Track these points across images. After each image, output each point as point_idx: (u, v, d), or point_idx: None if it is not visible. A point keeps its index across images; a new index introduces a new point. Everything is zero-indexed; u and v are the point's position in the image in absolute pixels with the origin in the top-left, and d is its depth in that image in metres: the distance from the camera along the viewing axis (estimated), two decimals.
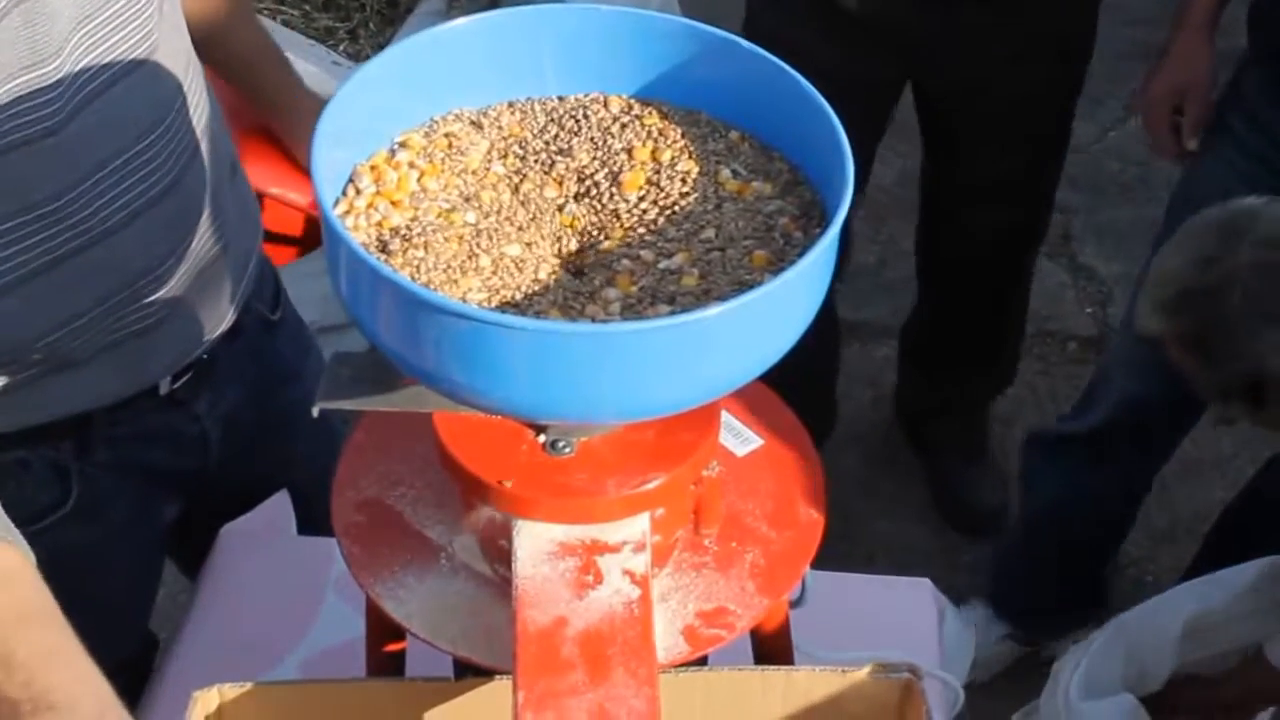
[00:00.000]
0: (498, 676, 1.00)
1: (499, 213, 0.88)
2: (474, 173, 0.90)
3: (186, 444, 1.38)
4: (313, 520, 1.47)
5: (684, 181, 0.90)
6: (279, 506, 1.51)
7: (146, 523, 1.41)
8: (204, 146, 1.28)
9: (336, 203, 0.87)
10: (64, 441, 1.28)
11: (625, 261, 0.86)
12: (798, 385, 1.10)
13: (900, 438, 2.65)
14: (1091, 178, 3.23)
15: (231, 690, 1.00)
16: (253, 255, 1.40)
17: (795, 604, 1.10)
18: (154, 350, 1.29)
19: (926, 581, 1.47)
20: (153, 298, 1.24)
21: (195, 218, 1.27)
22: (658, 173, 0.91)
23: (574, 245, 0.88)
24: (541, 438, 0.93)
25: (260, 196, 1.48)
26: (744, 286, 0.83)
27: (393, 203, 0.87)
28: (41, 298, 1.18)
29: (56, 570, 1.09)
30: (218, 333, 1.35)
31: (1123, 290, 2.97)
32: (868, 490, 2.58)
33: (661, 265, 0.85)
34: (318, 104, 1.56)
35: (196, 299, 1.30)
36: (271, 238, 1.52)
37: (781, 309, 0.83)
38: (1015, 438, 2.68)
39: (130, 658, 1.48)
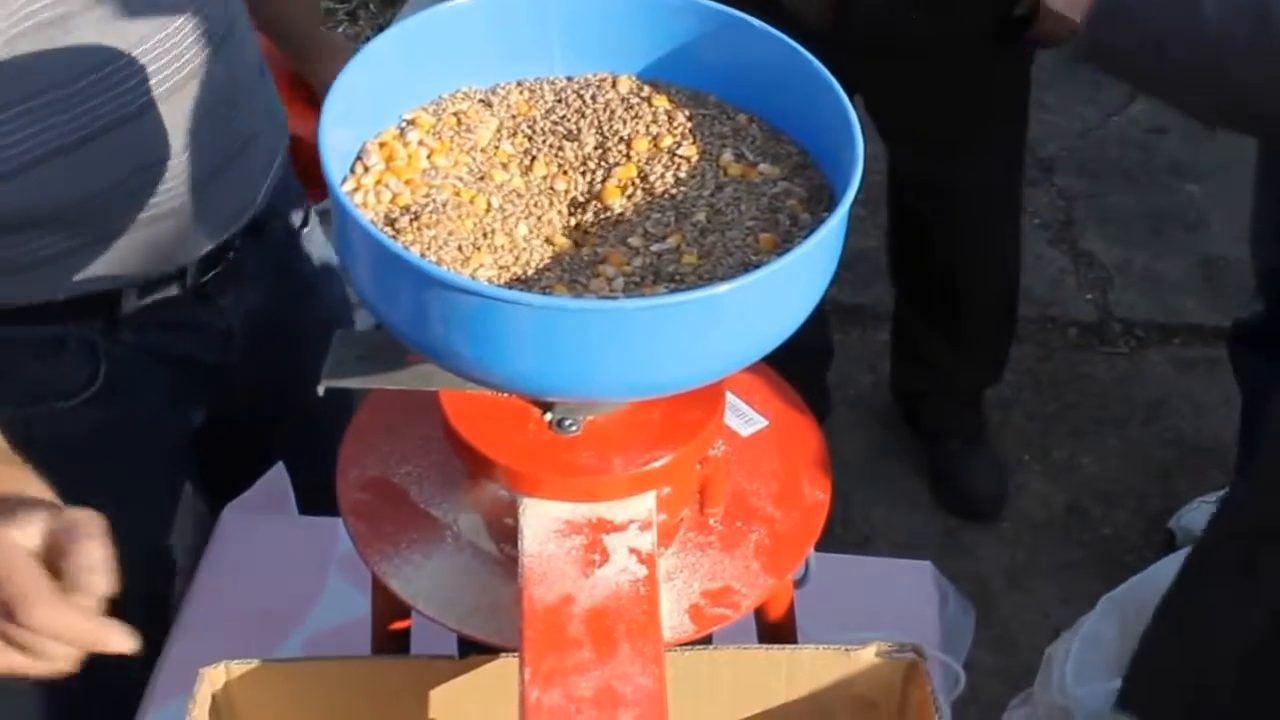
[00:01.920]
0: (503, 654, 1.00)
1: (509, 191, 0.88)
2: (484, 151, 0.90)
3: (211, 337, 1.42)
4: (313, 450, 1.48)
5: (681, 167, 0.90)
6: (278, 484, 1.52)
7: (173, 418, 1.44)
8: (232, 37, 1.31)
9: (345, 180, 0.87)
10: (94, 321, 1.31)
11: (608, 247, 0.86)
12: (788, 371, 1.10)
13: (899, 422, 2.66)
14: (1093, 163, 3.23)
15: (239, 667, 1.01)
16: (278, 156, 1.42)
17: (799, 584, 1.10)
18: (179, 233, 1.31)
19: (928, 564, 1.47)
20: (177, 180, 1.27)
21: (221, 105, 1.30)
22: (654, 159, 0.91)
23: (576, 227, 0.88)
24: (548, 416, 0.93)
25: (294, 140, 1.51)
26: (750, 267, 0.83)
27: (404, 181, 0.87)
28: (66, 175, 1.20)
29: (84, 451, 1.28)
30: (242, 222, 1.37)
31: (1123, 276, 2.98)
32: (866, 475, 2.59)
33: (654, 248, 0.85)
34: (340, 43, 1.61)
35: (222, 185, 1.33)
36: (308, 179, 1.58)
37: (789, 288, 0.83)
38: (1014, 423, 2.69)
39: (151, 582, 1.50)
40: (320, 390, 0.95)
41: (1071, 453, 2.64)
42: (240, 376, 1.46)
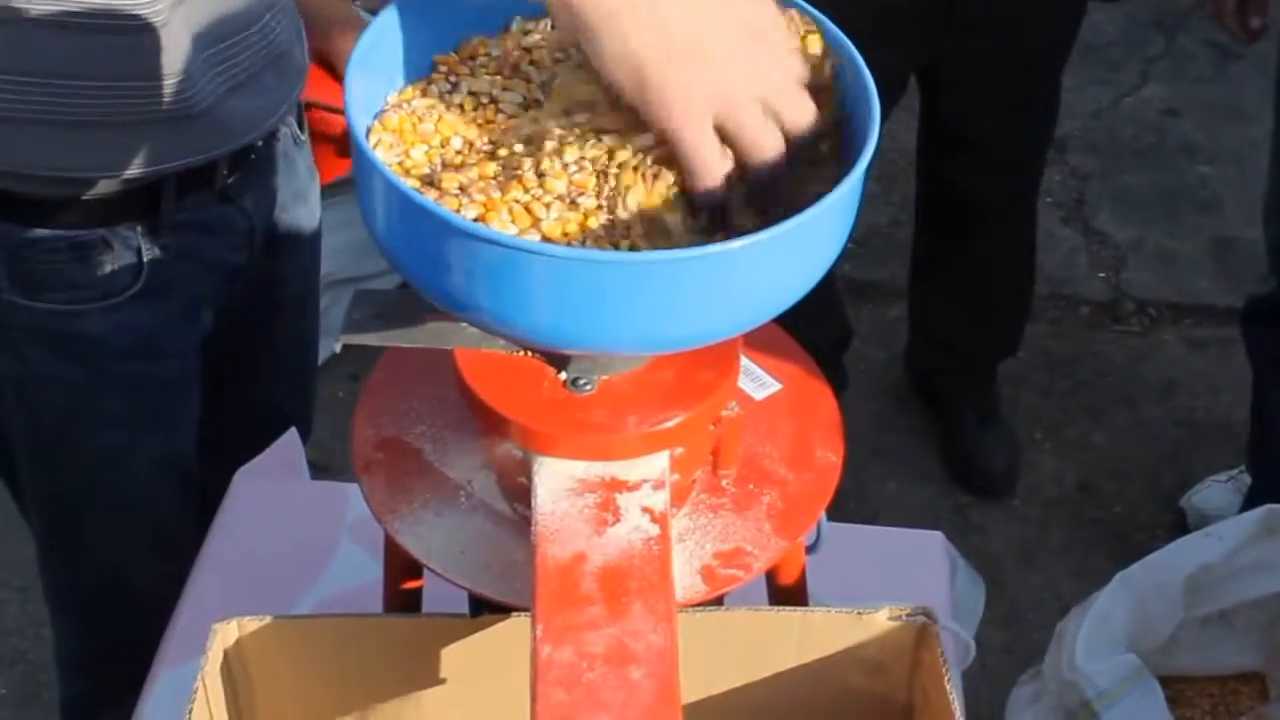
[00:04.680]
0: (514, 613, 1.00)
1: (535, 139, 0.87)
2: (510, 99, 0.89)
3: (236, 237, 1.46)
4: (293, 352, 1.65)
5: None
6: (290, 450, 1.52)
7: (198, 319, 1.48)
8: None
9: (369, 132, 0.87)
10: (136, 223, 1.36)
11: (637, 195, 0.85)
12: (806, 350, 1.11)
13: (912, 398, 2.66)
14: (1106, 143, 3.23)
15: (251, 623, 1.01)
16: (303, 75, 1.46)
17: (811, 549, 1.10)
18: (226, 119, 1.35)
19: (938, 534, 1.47)
20: (229, 66, 1.32)
21: (259, 13, 1.35)
22: None
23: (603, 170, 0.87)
24: (563, 375, 0.93)
25: (307, 105, 1.57)
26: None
27: (428, 133, 0.87)
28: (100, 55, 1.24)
29: (128, 349, 1.39)
30: (274, 117, 1.41)
31: (1136, 255, 2.98)
32: (877, 451, 2.59)
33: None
34: (354, 16, 1.63)
35: (255, 90, 1.37)
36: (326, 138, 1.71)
37: (806, 246, 0.83)
38: (1026, 401, 2.68)
39: (179, 484, 1.56)
40: (337, 348, 0.95)
41: (1083, 431, 2.64)
42: (252, 276, 1.50)
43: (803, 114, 0.79)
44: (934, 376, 2.61)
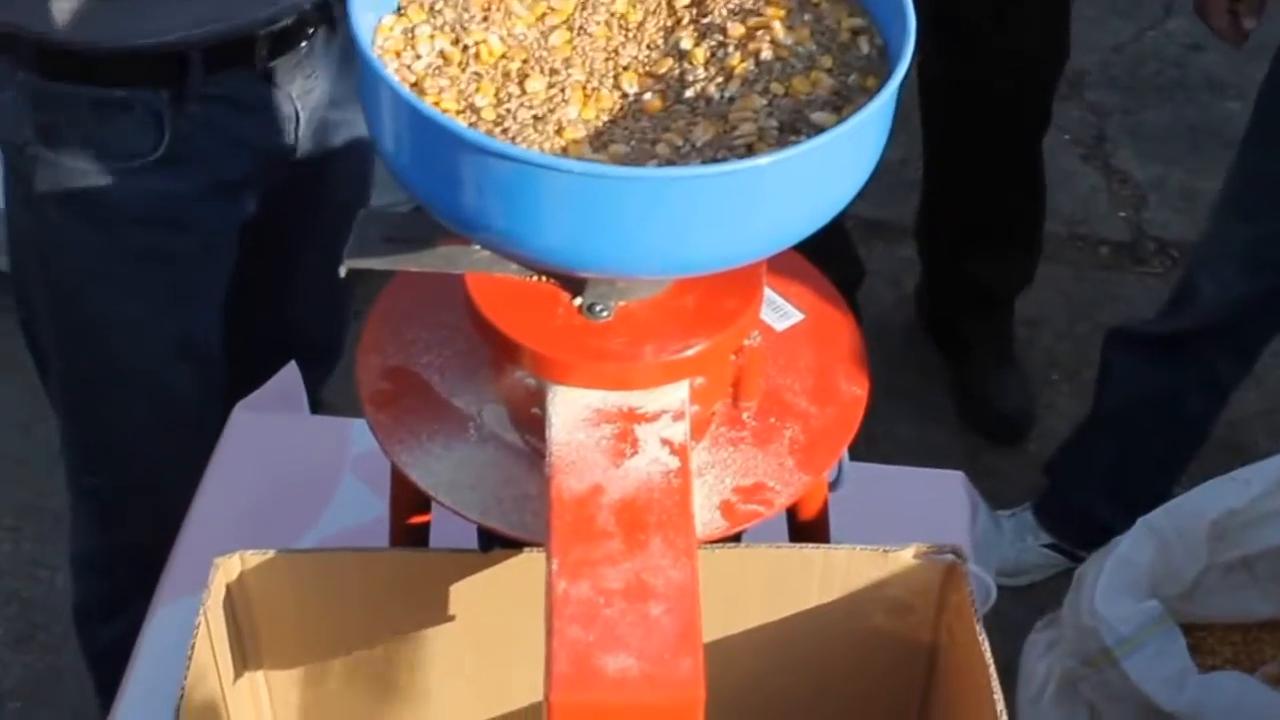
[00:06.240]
0: (526, 548, 0.97)
1: (546, 49, 0.83)
2: (530, 11, 0.85)
3: (277, 119, 1.43)
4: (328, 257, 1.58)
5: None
6: (291, 383, 1.49)
7: (233, 199, 1.46)
8: None
9: (373, 44, 0.83)
10: (161, 89, 1.34)
11: (670, 108, 0.81)
12: None
13: (922, 340, 2.62)
14: (1127, 79, 3.16)
15: (253, 557, 0.98)
16: None
17: (833, 486, 1.06)
18: None
19: (960, 474, 1.45)
20: None
21: None
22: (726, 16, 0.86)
23: (630, 86, 0.83)
24: (578, 301, 0.89)
25: None
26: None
27: (440, 41, 0.82)
28: None
29: (148, 216, 1.38)
30: None
31: (1158, 194, 2.92)
32: (889, 392, 2.54)
33: (719, 106, 0.80)
34: None
35: None
36: None
37: (834, 165, 0.79)
38: (1043, 342, 2.64)
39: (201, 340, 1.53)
40: (342, 271, 0.91)
41: None
42: (297, 168, 1.48)
43: None
44: (948, 316, 2.57)
